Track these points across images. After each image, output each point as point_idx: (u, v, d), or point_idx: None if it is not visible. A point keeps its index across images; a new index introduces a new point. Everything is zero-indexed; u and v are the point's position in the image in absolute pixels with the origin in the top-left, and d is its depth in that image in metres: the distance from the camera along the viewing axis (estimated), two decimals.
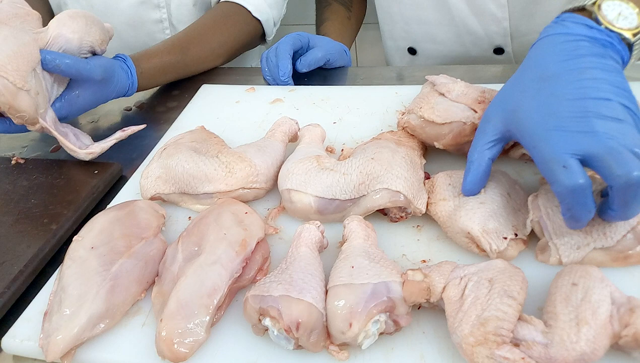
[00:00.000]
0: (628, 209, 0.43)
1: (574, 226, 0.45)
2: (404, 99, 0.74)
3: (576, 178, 0.42)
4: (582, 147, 0.42)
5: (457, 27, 0.95)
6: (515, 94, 0.50)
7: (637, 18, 0.49)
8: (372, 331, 0.43)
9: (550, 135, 0.44)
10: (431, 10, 0.95)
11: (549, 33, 0.51)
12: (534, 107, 0.47)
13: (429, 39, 0.99)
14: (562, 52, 0.48)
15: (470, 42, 0.96)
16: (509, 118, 0.49)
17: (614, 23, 0.49)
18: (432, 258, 0.51)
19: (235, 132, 0.73)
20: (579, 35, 0.49)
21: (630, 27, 0.49)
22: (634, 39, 0.49)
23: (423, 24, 0.98)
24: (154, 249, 0.52)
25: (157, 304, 0.48)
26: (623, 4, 0.49)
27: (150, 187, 0.60)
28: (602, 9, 0.49)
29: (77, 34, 0.68)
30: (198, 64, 0.91)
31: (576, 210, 0.43)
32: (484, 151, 0.50)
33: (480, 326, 0.40)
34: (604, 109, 0.43)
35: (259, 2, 0.99)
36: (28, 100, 0.62)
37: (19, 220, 0.61)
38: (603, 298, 0.40)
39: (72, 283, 0.48)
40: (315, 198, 0.54)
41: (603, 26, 0.49)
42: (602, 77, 0.45)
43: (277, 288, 0.44)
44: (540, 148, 0.45)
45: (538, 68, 0.49)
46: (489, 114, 0.52)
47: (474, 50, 0.97)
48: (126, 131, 0.72)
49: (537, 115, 0.46)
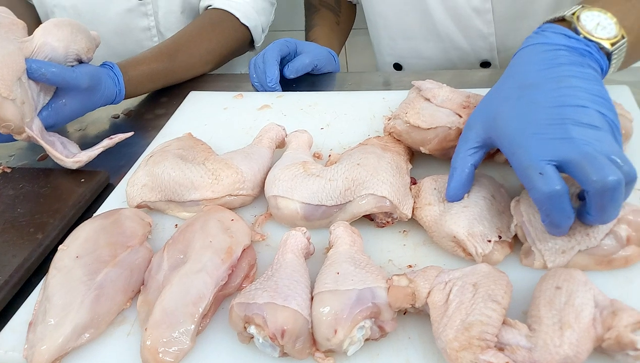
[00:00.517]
0: (605, 213, 0.43)
1: (555, 232, 0.46)
2: (391, 104, 0.75)
3: (552, 184, 0.42)
4: (558, 153, 0.43)
5: (443, 43, 0.95)
6: (496, 101, 0.51)
7: (615, 28, 0.50)
8: (358, 337, 0.43)
9: (528, 142, 0.45)
10: (417, 26, 0.95)
11: (529, 43, 0.52)
12: (513, 114, 0.47)
13: (415, 55, 1.00)
14: (541, 61, 0.49)
15: (457, 56, 0.96)
16: (489, 125, 0.49)
17: (592, 33, 0.50)
18: (419, 263, 0.51)
19: (223, 139, 0.73)
20: (558, 44, 0.49)
21: (608, 36, 0.50)
22: (612, 48, 0.50)
23: (409, 40, 0.98)
24: (140, 258, 0.52)
25: (142, 313, 0.48)
26: (601, 15, 0.50)
27: (136, 195, 0.60)
28: (580, 19, 0.50)
29: (63, 42, 0.68)
30: (186, 71, 0.91)
31: (554, 216, 0.43)
32: (466, 158, 0.51)
33: (464, 331, 0.40)
34: (580, 116, 0.44)
35: (247, 8, 1.00)
36: (14, 110, 0.62)
37: (5, 229, 0.61)
38: (586, 301, 0.40)
39: (57, 293, 0.48)
40: (302, 204, 0.54)
41: (582, 36, 0.50)
42: (579, 85, 0.46)
43: (262, 295, 0.44)
44: (518, 155, 0.45)
45: (518, 76, 0.50)
46: (471, 121, 0.52)
47: (460, 64, 0.97)
48: (113, 139, 0.72)
49: (515, 123, 0.47)
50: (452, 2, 0.89)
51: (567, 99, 0.45)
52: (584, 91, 0.45)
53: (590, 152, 0.42)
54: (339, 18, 1.09)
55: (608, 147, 0.42)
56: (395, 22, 0.97)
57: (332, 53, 0.92)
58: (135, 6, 1.00)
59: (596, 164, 0.41)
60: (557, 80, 0.47)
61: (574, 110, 0.44)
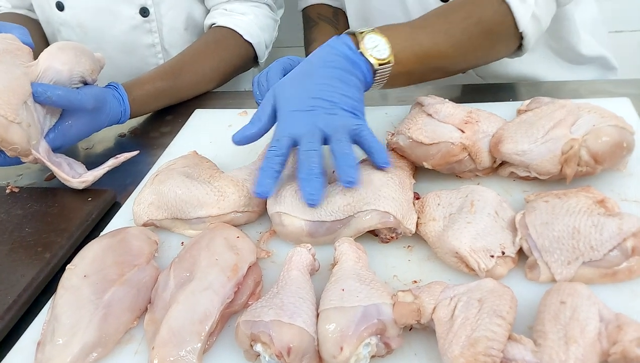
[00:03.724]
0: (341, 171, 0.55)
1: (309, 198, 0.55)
2: (394, 119, 0.75)
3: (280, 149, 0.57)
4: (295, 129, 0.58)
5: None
6: (284, 80, 0.63)
7: (387, 53, 0.62)
8: (364, 354, 0.43)
9: (285, 117, 0.60)
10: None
11: (324, 46, 0.63)
12: (286, 95, 0.61)
13: None
14: (322, 59, 0.62)
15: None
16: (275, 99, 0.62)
17: (366, 51, 0.61)
18: (424, 278, 0.51)
19: (227, 156, 0.74)
20: (340, 51, 0.61)
21: (380, 57, 0.62)
22: (378, 67, 0.62)
23: None
24: (147, 276, 0.53)
25: (149, 332, 0.48)
26: (382, 40, 0.62)
27: (142, 213, 0.60)
28: (364, 38, 0.62)
29: (67, 65, 0.69)
30: (190, 89, 0.93)
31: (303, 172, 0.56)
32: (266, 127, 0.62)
33: (470, 346, 0.40)
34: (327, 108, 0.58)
35: (250, 25, 1.01)
36: (20, 133, 0.63)
37: (13, 249, 0.61)
38: (591, 316, 0.41)
39: (65, 312, 0.48)
40: (307, 221, 0.55)
41: (359, 51, 0.61)
42: (338, 86, 0.59)
43: (268, 313, 0.44)
44: (277, 127, 0.60)
45: (303, 65, 0.63)
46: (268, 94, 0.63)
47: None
48: (119, 158, 0.73)
49: (284, 101, 0.60)
50: None
51: (324, 94, 0.58)
52: (338, 91, 0.59)
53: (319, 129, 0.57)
54: (338, 31, 1.10)
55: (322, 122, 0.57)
56: None
57: None
58: (140, 23, 1.02)
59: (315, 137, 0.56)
60: (324, 77, 0.60)
61: (323, 103, 0.58)
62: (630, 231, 0.47)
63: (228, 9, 1.01)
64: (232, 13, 1.01)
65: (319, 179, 0.55)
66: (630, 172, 0.59)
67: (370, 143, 0.57)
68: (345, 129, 0.57)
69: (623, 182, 0.58)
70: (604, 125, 0.54)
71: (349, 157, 0.55)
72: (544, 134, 0.56)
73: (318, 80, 0.60)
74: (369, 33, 0.62)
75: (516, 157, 0.57)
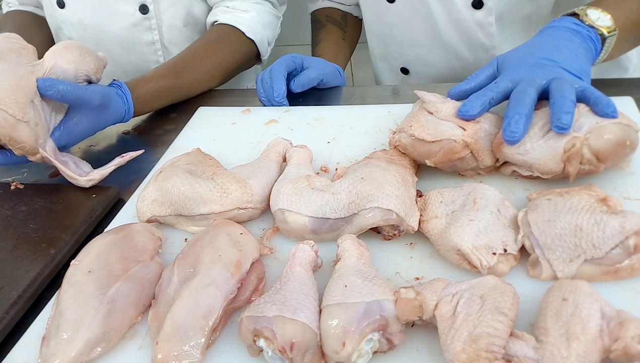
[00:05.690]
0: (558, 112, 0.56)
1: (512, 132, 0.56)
2: (397, 117, 0.75)
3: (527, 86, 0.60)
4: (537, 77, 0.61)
5: (447, 52, 0.97)
6: (509, 51, 0.68)
7: (610, 22, 0.68)
8: (366, 350, 0.43)
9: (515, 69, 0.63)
10: (423, 35, 0.97)
11: (547, 27, 0.69)
12: (513, 58, 0.66)
13: (421, 62, 1.02)
14: (550, 35, 0.67)
15: (460, 66, 0.98)
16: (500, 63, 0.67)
17: (594, 22, 0.67)
18: (426, 275, 0.52)
19: (231, 154, 0.74)
20: (567, 27, 0.67)
21: (606, 26, 0.68)
22: (608, 35, 0.67)
23: (415, 47, 1.00)
24: (151, 272, 0.53)
25: (153, 327, 0.49)
26: (602, 13, 0.68)
27: (146, 210, 0.61)
28: (587, 13, 0.68)
29: (73, 64, 0.69)
30: (193, 87, 0.93)
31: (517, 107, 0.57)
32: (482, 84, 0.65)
33: (472, 343, 0.40)
34: (555, 70, 0.61)
35: (253, 22, 1.01)
36: (28, 132, 0.64)
37: (18, 245, 0.62)
38: (593, 312, 0.41)
39: (69, 307, 0.49)
40: (310, 218, 0.55)
41: (587, 23, 0.67)
42: (568, 53, 0.63)
43: (271, 308, 0.44)
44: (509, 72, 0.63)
45: (531, 41, 0.68)
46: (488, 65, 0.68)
47: (463, 73, 0.98)
48: (125, 157, 0.73)
49: (509, 61, 0.65)
50: (456, 15, 0.91)
51: (552, 56, 0.63)
52: (567, 56, 0.63)
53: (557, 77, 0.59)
54: (345, 33, 1.10)
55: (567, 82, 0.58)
56: (404, 29, 0.99)
57: (338, 68, 0.93)
58: (139, 20, 1.03)
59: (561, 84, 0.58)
60: (552, 45, 0.65)
61: (549, 62, 0.62)
62: (632, 229, 0.47)
63: (230, 6, 1.02)
64: (234, 10, 1.01)
65: (524, 118, 0.56)
66: (633, 170, 0.59)
67: (597, 96, 0.56)
68: (569, 82, 0.58)
69: (626, 181, 0.58)
70: (606, 122, 0.54)
71: (566, 101, 0.55)
72: (545, 133, 0.56)
73: (546, 47, 0.65)
74: (588, 8, 0.68)
75: (518, 157, 0.57)
